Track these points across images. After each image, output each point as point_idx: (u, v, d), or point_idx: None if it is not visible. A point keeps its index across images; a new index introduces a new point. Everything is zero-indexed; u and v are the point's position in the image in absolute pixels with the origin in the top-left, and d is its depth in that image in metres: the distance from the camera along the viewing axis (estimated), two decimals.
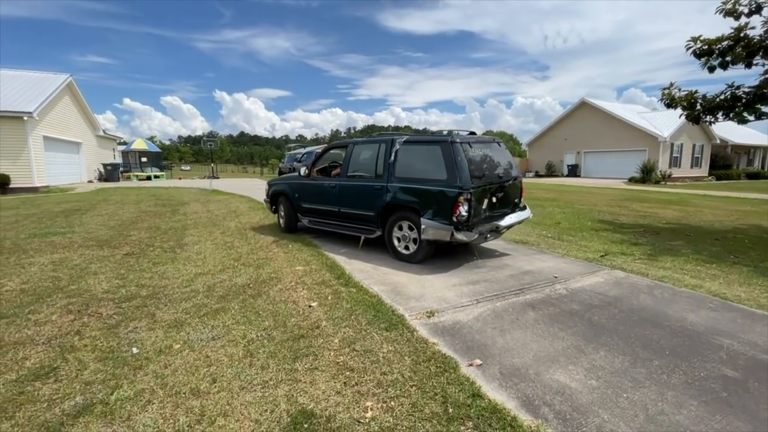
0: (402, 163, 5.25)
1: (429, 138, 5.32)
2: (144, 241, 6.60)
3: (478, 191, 4.71)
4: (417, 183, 5.02)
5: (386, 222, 5.38)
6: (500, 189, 5.18)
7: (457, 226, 4.58)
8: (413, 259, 5.14)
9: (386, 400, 2.26)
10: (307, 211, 6.72)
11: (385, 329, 3.15)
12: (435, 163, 4.88)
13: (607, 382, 2.43)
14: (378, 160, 5.52)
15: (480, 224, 4.86)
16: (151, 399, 2.32)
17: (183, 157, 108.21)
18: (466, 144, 4.87)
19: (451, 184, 4.63)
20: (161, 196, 13.98)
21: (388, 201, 5.26)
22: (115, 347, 2.97)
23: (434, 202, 4.76)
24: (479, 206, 4.79)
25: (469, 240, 4.69)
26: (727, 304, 3.81)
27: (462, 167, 4.63)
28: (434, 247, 5.11)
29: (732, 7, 7.51)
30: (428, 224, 4.74)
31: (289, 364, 2.69)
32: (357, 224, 5.86)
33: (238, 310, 3.65)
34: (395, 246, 5.33)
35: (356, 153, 5.99)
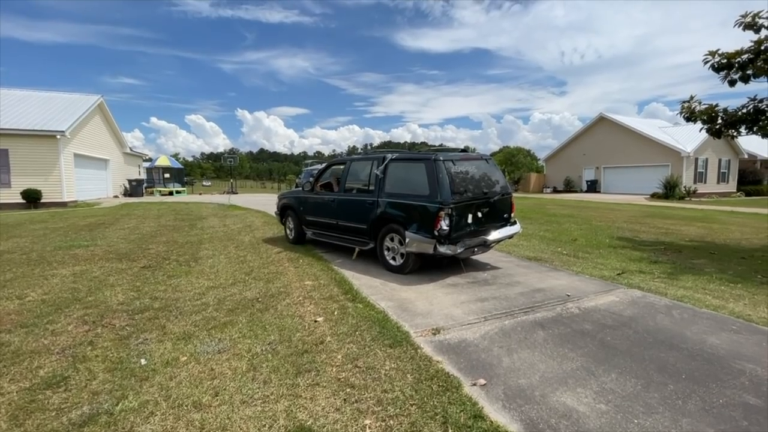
0: (391, 179, 5.54)
1: (415, 156, 5.62)
2: (161, 255, 6.79)
3: (460, 206, 4.91)
4: (403, 198, 5.28)
5: (377, 234, 5.62)
6: (486, 204, 5.33)
7: (440, 239, 4.77)
8: (402, 270, 5.33)
9: (385, 418, 2.23)
10: (311, 224, 7.06)
11: (389, 346, 3.12)
12: (420, 180, 5.13)
13: (617, 407, 2.33)
14: (371, 175, 5.82)
15: (465, 238, 5.03)
16: (154, 411, 2.35)
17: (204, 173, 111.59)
18: (449, 162, 5.10)
19: (432, 199, 4.87)
20: (181, 211, 14.40)
21: (378, 215, 5.52)
22: (124, 358, 3.04)
23: (418, 216, 5.02)
24: (462, 221, 4.97)
25: (454, 253, 4.83)
26: (751, 326, 3.61)
27: (443, 183, 4.85)
28: (421, 260, 5.28)
29: (752, 21, 7.37)
30: (412, 237, 4.96)
31: (291, 379, 2.68)
32: (352, 236, 6.14)
33: (246, 323, 3.69)
34: (385, 257, 5.55)
35: (352, 169, 6.33)
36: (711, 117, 8.16)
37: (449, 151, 5.81)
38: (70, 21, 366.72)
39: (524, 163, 66.64)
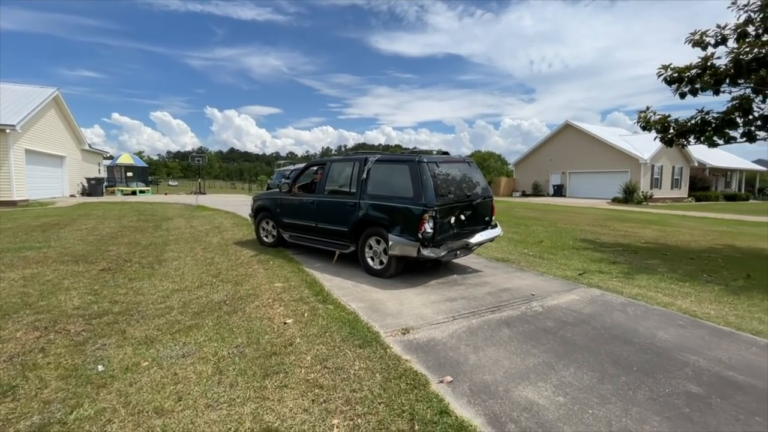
0: (374, 181, 5.42)
1: (398, 157, 5.52)
2: (122, 257, 6.48)
3: (444, 209, 4.85)
4: (386, 200, 5.17)
5: (359, 237, 5.49)
6: (469, 207, 5.30)
7: (424, 242, 4.70)
8: (384, 274, 5.20)
9: (353, 417, 2.24)
10: (288, 226, 6.81)
11: (358, 346, 3.13)
12: (403, 182, 5.05)
13: (574, 399, 2.45)
14: (352, 177, 5.67)
15: (448, 241, 4.99)
16: (111, 418, 2.25)
17: (171, 172, 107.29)
18: (433, 164, 5.03)
19: (416, 201, 4.80)
20: (144, 212, 13.78)
21: (360, 217, 5.39)
22: (79, 365, 2.89)
23: (401, 218, 4.92)
24: (446, 223, 4.92)
25: (437, 256, 4.79)
26: (696, 321, 3.90)
27: (427, 186, 4.79)
28: (404, 263, 5.21)
29: (699, 38, 7.93)
30: (396, 240, 4.86)
31: (258, 381, 2.65)
32: (332, 239, 5.96)
33: (212, 326, 3.60)
34: (367, 261, 5.41)
35: (333, 170, 6.17)
36: (664, 127, 8.72)
37: (427, 154, 5.69)
38: (22, 7, 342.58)
39: (495, 168, 68.58)
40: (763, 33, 7.37)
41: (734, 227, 12.82)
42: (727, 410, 2.38)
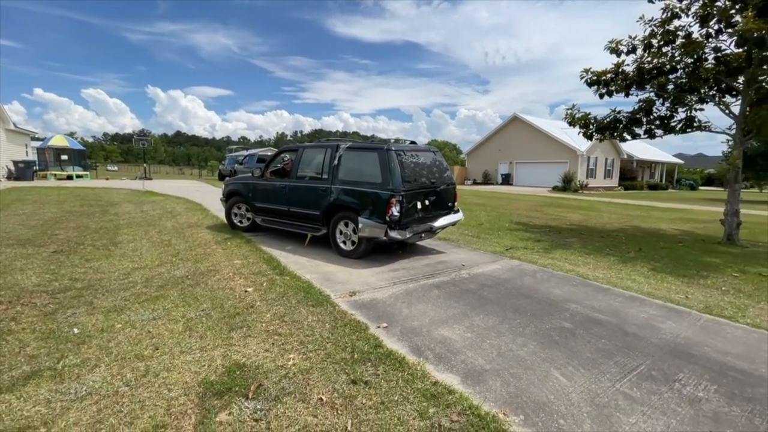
0: (345, 167, 5.73)
1: (369, 145, 5.87)
2: (73, 240, 6.48)
3: (410, 194, 5.25)
4: (357, 185, 5.51)
5: (330, 221, 5.83)
6: (433, 193, 5.74)
7: (391, 224, 5.09)
8: (353, 255, 5.60)
9: (306, 353, 2.83)
10: (260, 210, 7.01)
11: (311, 305, 3.70)
12: (372, 168, 5.39)
13: (478, 334, 3.21)
14: (324, 163, 5.96)
15: (414, 224, 5.42)
16: (97, 363, 2.66)
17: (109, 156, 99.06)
18: (400, 152, 5.41)
19: (384, 187, 5.18)
20: (87, 197, 13.17)
21: (332, 201, 5.71)
22: (55, 329, 3.20)
23: (370, 203, 5.29)
24: (412, 208, 5.32)
25: (403, 238, 5.22)
26: (586, 281, 4.89)
27: (395, 172, 5.17)
28: (372, 244, 5.63)
29: (615, 47, 9.07)
30: (365, 223, 5.23)
31: (225, 334, 3.14)
32: (304, 223, 6.24)
33: (178, 296, 3.98)
34: (338, 243, 5.77)
35: (305, 156, 6.40)
36: (585, 123, 9.94)
37: (396, 143, 6.07)
38: None
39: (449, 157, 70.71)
40: (664, 45, 8.61)
41: (646, 212, 14.79)
42: (585, 337, 3.25)
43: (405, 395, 2.33)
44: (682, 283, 5.06)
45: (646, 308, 3.99)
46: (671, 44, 8.40)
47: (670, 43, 8.38)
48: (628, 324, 3.56)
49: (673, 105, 8.71)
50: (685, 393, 2.48)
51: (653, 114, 9.07)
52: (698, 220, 12.26)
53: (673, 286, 4.87)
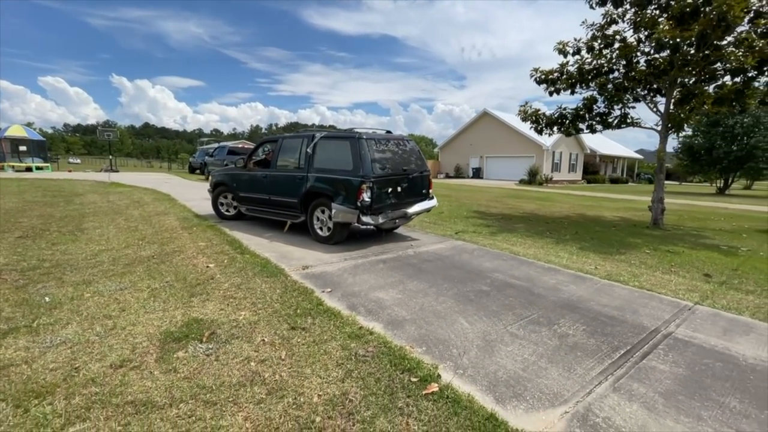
0: (319, 156, 5.94)
1: (341, 134, 6.01)
2: (38, 227, 6.64)
3: (381, 181, 5.44)
4: (330, 173, 5.72)
5: (308, 208, 6.06)
6: (406, 180, 5.96)
7: (363, 210, 5.30)
8: (329, 241, 5.83)
9: (256, 310, 3.31)
10: (244, 200, 7.25)
11: (266, 276, 4.18)
12: (344, 156, 5.59)
13: (407, 296, 3.79)
14: (301, 153, 6.19)
15: (388, 210, 5.64)
16: (69, 322, 3.05)
17: (71, 148, 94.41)
18: (371, 140, 5.60)
19: (355, 173, 5.37)
20: (49, 188, 12.97)
21: (308, 189, 5.93)
22: (27, 299, 3.53)
23: (343, 189, 5.49)
24: (384, 194, 5.53)
25: (376, 223, 5.43)
26: (515, 257, 5.58)
27: (365, 160, 5.36)
28: (347, 230, 5.89)
29: (562, 48, 9.82)
30: (338, 209, 5.43)
31: (186, 299, 3.57)
32: (284, 210, 6.48)
33: (143, 271, 4.36)
34: (315, 229, 6.00)
35: (284, 146, 6.62)
36: (536, 119, 10.73)
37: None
38: None
39: (425, 151, 71.63)
40: (604, 48, 9.42)
41: (597, 202, 15.93)
42: (497, 296, 3.89)
43: (333, 336, 2.87)
44: (599, 258, 5.83)
45: (558, 276, 4.70)
46: (610, 47, 9.23)
47: (609, 46, 9.20)
48: (537, 287, 4.23)
49: (610, 103, 9.58)
50: (558, 332, 3.13)
51: (594, 111, 9.94)
52: (638, 209, 13.41)
53: (590, 260, 5.63)
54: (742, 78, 7.66)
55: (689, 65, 7.70)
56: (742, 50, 7.29)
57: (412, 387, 2.26)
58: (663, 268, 5.37)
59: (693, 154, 27.23)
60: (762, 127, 24.00)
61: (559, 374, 2.50)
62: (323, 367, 2.47)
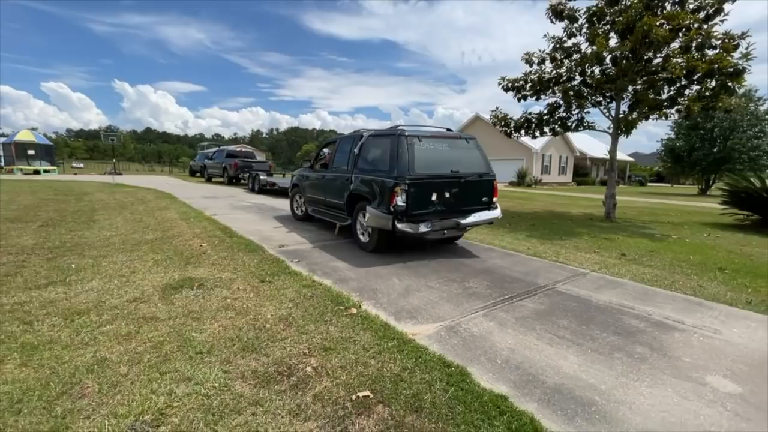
0: (364, 156, 5.62)
1: (385, 132, 5.43)
2: (55, 219, 7.62)
3: (421, 183, 4.78)
4: (369, 174, 5.35)
5: (353, 211, 5.71)
6: (458, 184, 5.13)
7: (397, 216, 4.69)
8: (368, 248, 5.41)
9: (235, 272, 4.28)
10: (309, 201, 7.33)
11: (248, 252, 5.15)
12: (383, 155, 5.18)
13: (358, 264, 4.75)
14: (350, 153, 5.92)
15: (432, 218, 4.92)
16: (93, 278, 4.02)
17: (74, 153, 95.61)
18: (414, 137, 4.98)
19: (390, 174, 4.87)
20: (59, 188, 13.98)
21: (351, 191, 5.61)
22: (57, 265, 4.50)
23: (378, 191, 5.01)
24: (425, 199, 4.85)
25: (415, 232, 4.72)
26: (473, 244, 6.53)
27: (401, 159, 4.78)
28: (386, 238, 5.20)
29: (528, 58, 10.81)
30: (371, 213, 4.94)
31: (182, 266, 4.54)
32: (336, 212, 6.30)
33: (148, 249, 5.33)
34: (358, 234, 5.63)
35: (339, 147, 6.44)
36: (506, 123, 11.72)
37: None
38: None
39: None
40: (565, 58, 10.41)
41: (572, 201, 16.89)
42: (431, 265, 4.84)
43: (291, 286, 3.84)
44: (538, 242, 6.78)
45: (491, 253, 5.66)
46: (569, 58, 10.22)
47: (569, 57, 10.20)
48: (467, 260, 5.20)
49: (569, 108, 10.56)
50: (465, 286, 4.10)
51: (555, 115, 10.92)
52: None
53: (529, 244, 6.58)
54: (677, 87, 8.65)
55: (627, 75, 8.69)
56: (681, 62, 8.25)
57: (337, 311, 3.23)
58: (588, 249, 6.32)
59: (675, 156, 28.19)
60: (740, 130, 24.99)
61: (450, 308, 3.46)
62: (279, 301, 3.44)
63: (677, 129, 28.44)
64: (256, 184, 14.23)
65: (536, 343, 2.85)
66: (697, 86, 8.55)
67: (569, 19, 9.94)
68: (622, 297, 3.93)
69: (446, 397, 2.11)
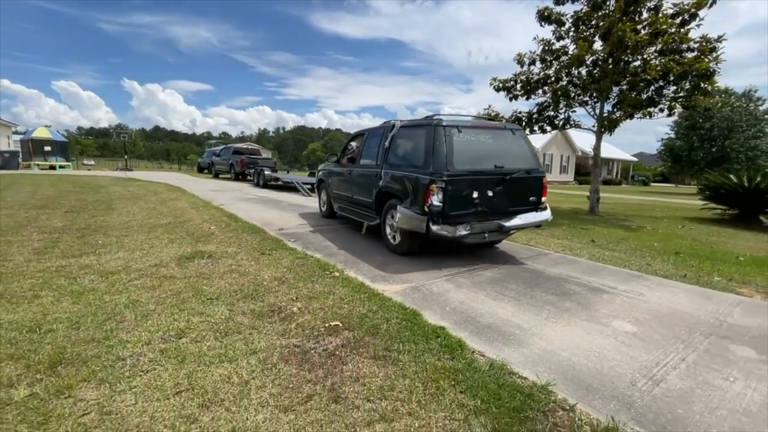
0: (394, 149, 5.10)
1: (420, 122, 4.87)
2: (77, 207, 8.37)
3: (461, 180, 4.20)
4: (401, 169, 4.79)
5: (382, 209, 5.20)
6: (502, 182, 4.50)
7: (432, 217, 4.15)
8: (398, 250, 4.90)
9: (239, 248, 4.95)
10: (335, 197, 6.94)
11: (251, 233, 5.83)
12: (418, 148, 4.64)
13: (348, 243, 5.39)
14: (380, 146, 5.41)
15: (472, 220, 4.35)
16: (119, 250, 4.71)
17: (85, 150, 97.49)
18: (453, 128, 4.38)
19: (425, 170, 4.29)
20: (76, 182, 14.81)
21: (381, 187, 5.08)
22: (87, 241, 5.21)
23: (410, 189, 4.48)
24: (465, 198, 4.27)
25: (452, 236, 4.17)
26: None
27: (439, 152, 4.22)
28: (419, 241, 4.74)
29: (519, 59, 11.37)
30: (402, 213, 4.43)
31: (193, 243, 5.22)
32: (363, 211, 5.85)
33: (163, 231, 6.03)
34: (387, 235, 5.12)
35: (368, 140, 5.94)
36: None
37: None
38: None
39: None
40: (552, 60, 10.96)
41: (566, 197, 17.38)
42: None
43: (286, 257, 4.50)
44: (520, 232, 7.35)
45: None
46: (558, 60, 10.78)
47: (558, 58, 10.75)
48: None
49: (556, 107, 11.11)
50: (438, 261, 4.72)
51: (543, 114, 11.48)
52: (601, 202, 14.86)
53: None
54: (655, 87, 9.17)
55: (608, 76, 9.23)
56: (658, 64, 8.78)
57: (323, 274, 3.89)
58: (562, 237, 6.90)
59: (675, 156, 28.47)
60: (738, 130, 25.25)
61: (419, 275, 4.10)
62: (275, 267, 4.10)
63: (677, 129, 28.72)
64: (261, 179, 14.96)
65: (483, 298, 3.47)
66: (674, 87, 9.07)
67: (557, 23, 10.49)
68: (573, 271, 4.53)
69: (398, 327, 2.75)
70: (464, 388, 2.05)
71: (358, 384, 2.08)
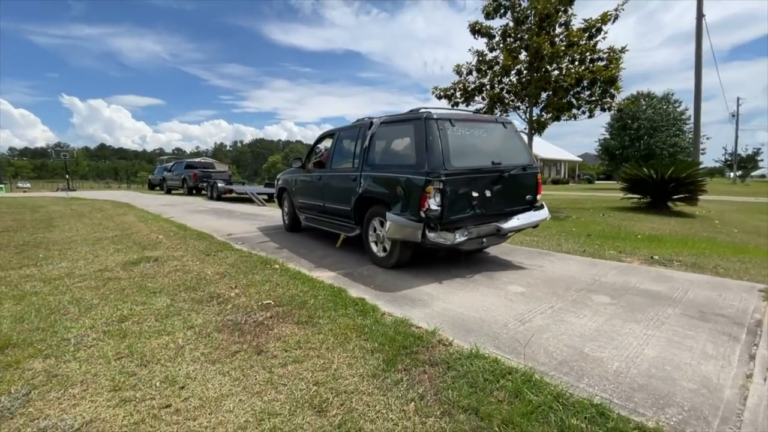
0: (376, 149, 4.62)
1: (404, 116, 4.41)
2: (14, 227, 8.10)
3: (458, 180, 3.82)
4: (387, 170, 4.29)
5: (363, 218, 4.67)
6: (499, 180, 4.14)
7: (429, 223, 3.72)
8: (387, 263, 4.37)
9: (186, 252, 5.18)
10: (301, 207, 6.33)
11: (198, 239, 6.04)
12: (406, 146, 4.25)
13: (291, 243, 5.76)
14: (356, 146, 4.90)
15: (469, 223, 3.98)
16: (61, 261, 4.80)
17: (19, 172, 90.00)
18: (445, 121, 3.97)
19: (419, 170, 3.82)
20: (11, 203, 14.01)
21: (361, 193, 4.57)
22: (26, 256, 5.21)
23: (402, 192, 3.97)
24: (463, 200, 3.88)
25: (450, 243, 3.76)
26: None
27: (434, 149, 3.78)
28: (410, 250, 4.25)
29: (458, 69, 12.26)
30: (393, 220, 3.94)
31: (140, 251, 5.37)
32: (338, 220, 5.26)
33: (109, 242, 6.09)
34: (371, 247, 4.59)
35: (340, 140, 5.46)
36: None
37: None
38: None
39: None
40: (487, 70, 11.94)
41: None
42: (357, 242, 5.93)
43: (231, 256, 4.81)
44: None
45: None
46: (491, 69, 11.78)
47: (491, 68, 11.75)
48: None
49: (492, 112, 12.10)
50: None
51: None
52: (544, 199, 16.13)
53: None
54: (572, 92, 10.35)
55: (532, 83, 10.30)
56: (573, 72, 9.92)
57: (264, 266, 4.26)
58: None
59: (610, 154, 31.19)
60: (660, 129, 28.18)
61: (353, 263, 4.56)
62: (219, 265, 4.41)
63: (611, 130, 31.51)
64: (214, 192, 14.88)
65: (405, 276, 3.99)
66: (588, 92, 10.28)
67: (487, 36, 11.52)
68: (492, 252, 5.18)
69: (324, 301, 3.19)
70: (368, 337, 2.52)
71: (280, 342, 2.49)
